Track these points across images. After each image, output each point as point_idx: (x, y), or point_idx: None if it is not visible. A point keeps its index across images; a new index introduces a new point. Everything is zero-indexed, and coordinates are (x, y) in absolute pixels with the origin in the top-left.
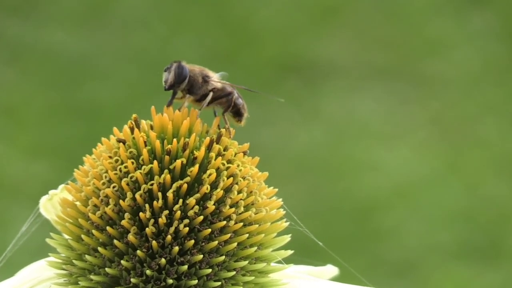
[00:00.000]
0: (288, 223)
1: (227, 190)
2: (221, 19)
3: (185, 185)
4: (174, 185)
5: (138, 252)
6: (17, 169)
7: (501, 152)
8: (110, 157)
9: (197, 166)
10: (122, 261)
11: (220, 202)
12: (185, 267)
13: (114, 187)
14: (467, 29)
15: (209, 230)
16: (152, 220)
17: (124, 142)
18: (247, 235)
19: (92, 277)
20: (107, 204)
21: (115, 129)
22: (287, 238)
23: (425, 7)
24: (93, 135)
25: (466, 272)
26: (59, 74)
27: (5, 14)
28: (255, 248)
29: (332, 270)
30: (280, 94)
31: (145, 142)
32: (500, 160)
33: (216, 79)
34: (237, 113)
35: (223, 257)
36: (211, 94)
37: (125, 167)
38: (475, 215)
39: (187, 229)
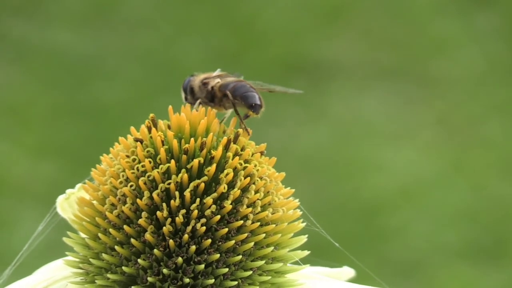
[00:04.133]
0: (304, 223)
1: (244, 189)
2: (227, 19)
3: (202, 185)
4: (192, 184)
5: (155, 251)
6: (22, 169)
7: (506, 152)
8: (128, 156)
9: (214, 165)
10: (139, 260)
11: (237, 202)
12: (202, 266)
13: (131, 186)
14: (472, 30)
15: (226, 229)
16: (169, 219)
17: (141, 142)
18: (264, 235)
19: (109, 276)
20: (124, 203)
21: (132, 128)
22: (303, 238)
23: (430, 7)
24: (98, 135)
25: (472, 272)
26: (64, 74)
27: (10, 14)
28: (272, 248)
29: (348, 271)
30: (286, 94)
31: (162, 142)
32: (505, 160)
33: (215, 77)
34: (248, 106)
35: (240, 256)
36: (206, 93)
37: (143, 166)
38: (481, 215)
39: (204, 228)
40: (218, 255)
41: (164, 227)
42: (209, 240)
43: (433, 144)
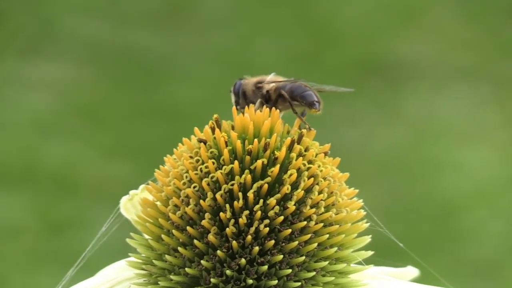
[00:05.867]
0: (368, 224)
1: (308, 190)
2: (303, 19)
3: (266, 185)
4: (255, 185)
5: (218, 252)
6: (97, 169)
7: None
8: (191, 157)
9: (278, 166)
10: (202, 261)
11: (300, 203)
12: (265, 267)
13: (194, 187)
14: None
15: (290, 230)
16: (232, 220)
17: (205, 142)
18: (327, 235)
19: (172, 277)
20: (188, 204)
21: (196, 129)
22: (367, 239)
23: (505, 9)
24: (174, 136)
25: None
26: (140, 74)
27: (84, 13)
28: (335, 248)
29: (412, 271)
30: (362, 94)
31: (226, 142)
32: None
33: (270, 80)
34: (309, 104)
35: (303, 257)
36: (260, 97)
37: (206, 167)
38: None
39: (267, 229)
40: (282, 256)
41: (227, 228)
42: (273, 241)
43: (508, 145)
